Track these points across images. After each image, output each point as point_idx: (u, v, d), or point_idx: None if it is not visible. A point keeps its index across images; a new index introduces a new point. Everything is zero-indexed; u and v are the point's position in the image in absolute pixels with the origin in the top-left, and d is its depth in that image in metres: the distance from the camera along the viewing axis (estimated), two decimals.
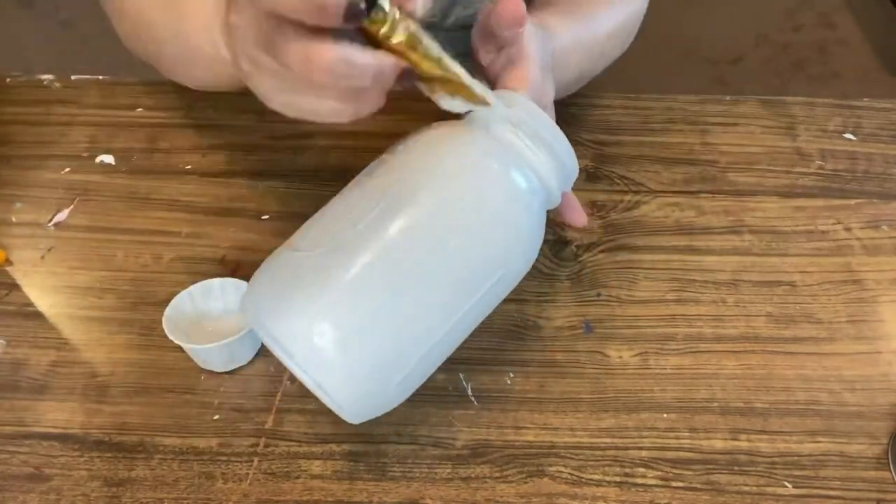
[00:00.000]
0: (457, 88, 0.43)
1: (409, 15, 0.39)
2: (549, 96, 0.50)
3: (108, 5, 0.62)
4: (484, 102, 0.43)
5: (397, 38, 0.39)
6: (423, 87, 0.43)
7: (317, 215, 0.45)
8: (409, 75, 0.41)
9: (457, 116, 0.45)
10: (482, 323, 0.55)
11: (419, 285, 0.41)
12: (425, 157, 0.44)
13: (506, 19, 0.45)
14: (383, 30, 0.39)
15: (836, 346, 0.55)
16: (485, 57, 0.49)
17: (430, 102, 0.44)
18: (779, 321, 0.56)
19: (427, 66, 0.41)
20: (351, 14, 0.36)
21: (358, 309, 0.40)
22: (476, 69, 0.51)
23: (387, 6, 0.38)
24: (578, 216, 0.52)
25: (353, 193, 0.44)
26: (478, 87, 0.43)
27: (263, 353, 0.53)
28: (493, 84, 0.49)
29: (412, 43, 0.40)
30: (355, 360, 0.40)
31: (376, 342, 0.41)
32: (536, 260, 0.58)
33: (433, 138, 0.45)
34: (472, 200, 0.43)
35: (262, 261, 0.44)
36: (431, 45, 0.40)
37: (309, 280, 0.40)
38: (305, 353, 0.40)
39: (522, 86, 0.47)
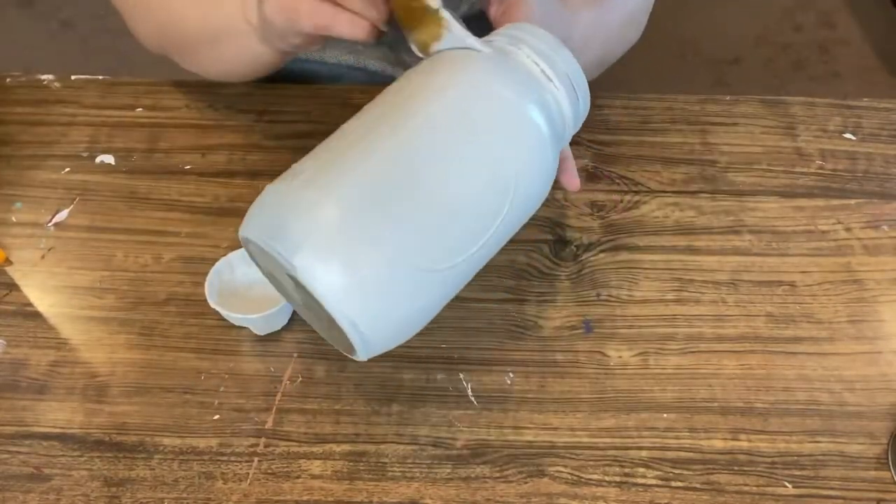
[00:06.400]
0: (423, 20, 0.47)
1: None
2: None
3: (126, 9, 0.64)
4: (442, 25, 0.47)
5: None
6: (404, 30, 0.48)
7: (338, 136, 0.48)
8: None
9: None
10: (482, 323, 0.55)
11: (438, 197, 0.43)
12: (441, 81, 0.45)
13: None
14: None
15: (836, 346, 0.55)
16: (494, 11, 0.53)
17: None
18: (779, 321, 0.56)
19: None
20: None
21: (386, 221, 0.42)
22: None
23: None
24: (571, 179, 0.53)
25: (372, 112, 0.46)
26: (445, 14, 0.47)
27: (263, 354, 0.54)
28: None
29: None
30: (377, 275, 0.41)
31: (393, 250, 0.42)
32: (537, 260, 0.59)
33: (453, 63, 0.46)
34: (483, 120, 0.45)
35: None
36: None
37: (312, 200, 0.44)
38: (332, 281, 0.41)
39: (520, 17, 0.50)
